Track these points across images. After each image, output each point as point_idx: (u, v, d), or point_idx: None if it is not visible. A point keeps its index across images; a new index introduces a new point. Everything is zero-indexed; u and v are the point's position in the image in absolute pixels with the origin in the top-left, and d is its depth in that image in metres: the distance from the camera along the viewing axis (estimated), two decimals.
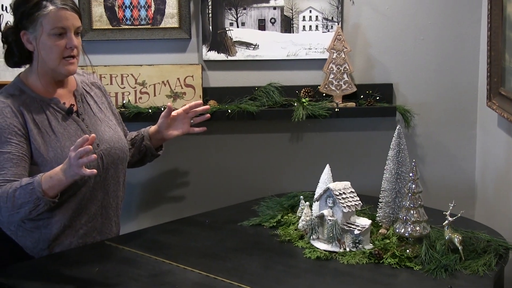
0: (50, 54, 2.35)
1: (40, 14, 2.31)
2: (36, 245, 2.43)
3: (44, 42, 2.33)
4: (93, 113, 2.52)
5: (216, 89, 3.18)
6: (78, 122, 2.45)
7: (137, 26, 3.11)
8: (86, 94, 2.54)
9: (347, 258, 2.32)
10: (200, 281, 2.18)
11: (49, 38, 2.33)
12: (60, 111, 2.43)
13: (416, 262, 2.29)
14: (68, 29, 2.34)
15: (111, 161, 2.49)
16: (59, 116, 2.42)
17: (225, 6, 3.11)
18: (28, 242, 2.44)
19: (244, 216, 2.70)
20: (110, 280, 2.19)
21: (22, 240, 2.44)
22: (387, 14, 3.15)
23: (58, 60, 2.36)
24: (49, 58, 2.36)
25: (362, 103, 3.14)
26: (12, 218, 2.31)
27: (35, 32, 2.33)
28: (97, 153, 2.41)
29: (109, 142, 2.49)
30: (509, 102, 2.73)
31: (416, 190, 2.35)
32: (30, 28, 2.33)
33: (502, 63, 2.80)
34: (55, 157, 2.34)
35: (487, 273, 2.22)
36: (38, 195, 2.23)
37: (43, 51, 2.35)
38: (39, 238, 2.43)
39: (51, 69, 2.39)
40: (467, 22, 3.14)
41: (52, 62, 2.36)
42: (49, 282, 2.20)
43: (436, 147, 3.27)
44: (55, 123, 2.39)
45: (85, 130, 2.44)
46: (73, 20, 2.35)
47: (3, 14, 3.05)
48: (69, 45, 2.35)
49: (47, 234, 2.42)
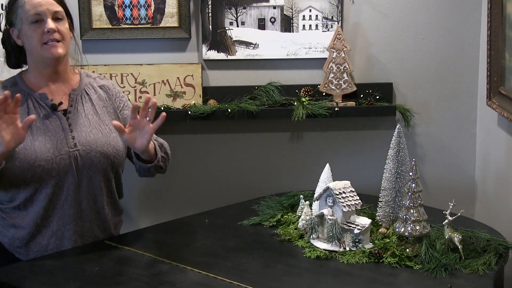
0: (31, 42, 2.39)
1: (17, 6, 2.38)
2: (13, 242, 2.46)
3: (25, 32, 2.39)
4: (84, 114, 2.49)
5: (216, 88, 3.18)
6: (61, 120, 2.44)
7: (137, 25, 3.11)
8: (84, 95, 2.53)
9: (347, 257, 2.32)
10: (200, 280, 2.18)
11: (29, 27, 2.38)
12: (45, 106, 2.44)
13: (416, 261, 2.29)
14: (44, 15, 2.38)
15: (88, 164, 2.43)
16: (42, 111, 2.43)
17: (225, 5, 3.11)
18: (6, 238, 2.48)
19: (244, 215, 2.70)
20: (110, 280, 2.19)
21: (1, 236, 2.49)
22: (387, 14, 3.15)
23: (39, 46, 2.39)
24: (31, 46, 2.40)
25: (362, 102, 3.14)
26: None
27: (18, 26, 2.40)
28: (71, 153, 2.40)
29: (91, 144, 2.44)
30: (509, 101, 2.74)
31: (416, 189, 2.36)
32: (14, 24, 2.41)
33: (502, 62, 2.80)
34: (23, 148, 2.34)
35: (487, 272, 2.23)
36: None
37: (26, 41, 2.41)
38: (14, 235, 2.45)
39: (39, 58, 2.42)
40: (467, 22, 3.15)
41: (35, 50, 2.40)
42: (49, 282, 2.20)
43: (436, 146, 3.28)
44: (38, 115, 2.41)
45: (65, 129, 2.43)
46: (48, 5, 2.39)
47: (3, 14, 3.05)
48: (46, 29, 2.37)
49: (21, 232, 2.44)
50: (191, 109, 3.08)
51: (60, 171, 2.39)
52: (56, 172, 2.39)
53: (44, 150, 2.37)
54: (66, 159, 2.39)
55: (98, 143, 2.46)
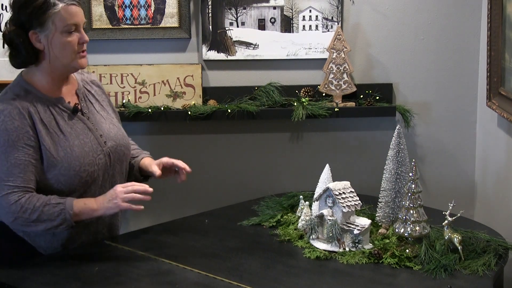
0: (64, 51, 2.33)
1: (51, 13, 2.28)
2: (50, 244, 2.44)
3: (57, 40, 2.31)
4: (96, 111, 2.52)
5: (216, 88, 3.18)
6: (83, 121, 2.45)
7: (137, 25, 3.12)
8: (87, 92, 2.54)
9: (347, 258, 2.32)
10: (199, 280, 2.18)
11: (62, 35, 2.31)
12: (66, 110, 2.42)
13: (415, 262, 2.29)
14: (79, 25, 2.35)
15: (117, 158, 2.49)
16: (65, 115, 2.41)
17: (225, 5, 3.12)
18: (42, 242, 2.44)
19: (243, 215, 2.70)
20: (110, 280, 2.19)
21: (36, 240, 2.44)
22: (387, 14, 3.15)
23: (73, 56, 2.35)
24: (63, 55, 2.34)
25: (361, 102, 3.15)
26: (22, 228, 2.34)
27: (46, 31, 2.30)
28: (105, 151, 2.43)
29: (115, 139, 2.49)
30: (509, 102, 2.74)
31: (416, 190, 2.36)
32: (39, 28, 2.30)
33: (502, 63, 2.80)
34: (65, 156, 2.34)
35: (486, 273, 2.23)
36: (66, 216, 2.28)
37: (56, 48, 2.33)
38: (52, 238, 2.43)
39: (63, 65, 2.37)
40: (467, 22, 3.15)
41: (67, 59, 2.35)
42: (49, 282, 2.20)
43: (436, 147, 3.28)
44: (62, 122, 2.39)
45: (91, 128, 2.44)
46: (81, 15, 2.36)
47: (3, 13, 3.05)
48: (82, 40, 2.35)
49: (60, 233, 2.42)
50: (191, 110, 3.08)
51: (99, 171, 2.42)
52: (97, 173, 2.41)
53: (84, 154, 2.37)
54: (102, 158, 2.41)
55: (118, 136, 2.51)
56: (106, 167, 2.43)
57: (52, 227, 2.30)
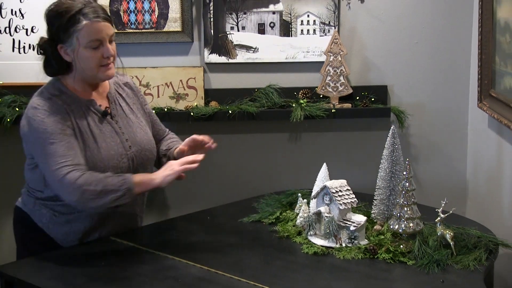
0: (88, 65, 2.32)
1: (75, 29, 2.26)
2: (66, 237, 2.43)
3: (82, 54, 2.30)
4: (125, 114, 2.49)
5: (217, 90, 3.18)
6: (112, 124, 2.43)
7: (141, 30, 3.11)
8: (118, 96, 2.52)
9: (343, 253, 2.32)
10: (202, 275, 2.18)
11: (86, 50, 2.29)
12: (96, 113, 2.41)
13: (409, 257, 2.29)
14: (104, 40, 2.31)
15: (140, 162, 2.46)
16: (95, 117, 2.40)
17: (226, 10, 3.11)
18: (59, 235, 2.43)
19: (244, 213, 2.70)
20: (116, 274, 2.19)
21: (53, 232, 2.43)
22: (382, 19, 3.15)
23: (96, 69, 2.33)
24: (87, 68, 2.33)
25: (357, 104, 3.15)
26: (90, 204, 2.27)
27: (72, 46, 2.29)
28: (128, 155, 2.41)
29: (140, 144, 2.46)
30: (499, 103, 2.73)
31: (410, 188, 2.36)
32: (66, 42, 2.29)
33: (493, 66, 2.80)
34: (91, 157, 2.33)
35: (477, 267, 2.23)
36: (129, 186, 2.25)
37: (81, 62, 2.32)
38: (69, 231, 2.42)
39: (90, 77, 2.37)
40: (459, 27, 3.15)
41: (92, 71, 2.34)
42: (56, 276, 2.20)
43: (429, 147, 3.28)
44: (93, 124, 2.38)
45: (118, 132, 2.43)
46: (107, 30, 2.32)
47: (13, 18, 3.05)
48: (106, 54, 2.32)
49: (77, 227, 2.42)
50: (193, 111, 3.08)
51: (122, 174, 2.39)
52: None
53: (110, 157, 2.36)
54: (125, 162, 2.39)
55: (144, 142, 2.48)
56: (129, 171, 2.40)
57: (116, 198, 2.26)
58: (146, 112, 2.62)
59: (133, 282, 2.15)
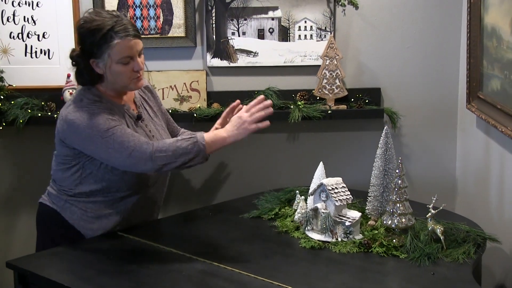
0: (119, 78, 2.34)
1: (108, 46, 2.27)
2: (95, 232, 2.45)
3: (113, 69, 2.31)
4: (150, 118, 2.52)
5: (219, 93, 3.18)
6: (143, 128, 2.45)
7: (147, 35, 3.12)
8: (143, 100, 2.54)
9: (339, 247, 2.34)
10: (204, 268, 2.19)
11: (117, 65, 2.30)
12: (132, 116, 2.43)
13: (402, 251, 2.31)
14: (134, 56, 2.32)
15: None
16: (131, 121, 2.42)
17: (227, 17, 3.12)
18: (89, 230, 2.45)
19: (245, 209, 2.71)
20: (123, 267, 2.21)
21: (84, 228, 2.45)
22: (376, 25, 3.15)
23: (127, 82, 2.35)
24: (118, 81, 2.35)
25: (352, 105, 3.15)
26: (164, 168, 2.29)
27: (104, 61, 2.31)
28: None
29: None
30: (487, 104, 2.74)
31: (402, 185, 2.37)
32: (99, 57, 2.30)
33: (480, 69, 2.80)
34: None
35: (466, 260, 2.24)
36: (200, 147, 2.26)
37: (113, 75, 2.33)
38: (99, 227, 2.45)
39: (121, 87, 2.39)
40: (449, 32, 3.15)
41: (122, 83, 2.36)
42: (67, 269, 2.22)
43: (420, 146, 3.28)
44: (131, 128, 2.40)
45: (149, 135, 2.45)
46: (137, 46, 2.33)
47: (25, 24, 3.05)
48: (136, 68, 2.34)
49: (106, 224, 2.45)
50: (197, 112, 3.09)
51: (152, 174, 2.42)
52: (149, 176, 2.43)
53: None
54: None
55: None
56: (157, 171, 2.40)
57: (188, 160, 2.26)
58: (163, 112, 2.65)
59: (139, 274, 2.16)
